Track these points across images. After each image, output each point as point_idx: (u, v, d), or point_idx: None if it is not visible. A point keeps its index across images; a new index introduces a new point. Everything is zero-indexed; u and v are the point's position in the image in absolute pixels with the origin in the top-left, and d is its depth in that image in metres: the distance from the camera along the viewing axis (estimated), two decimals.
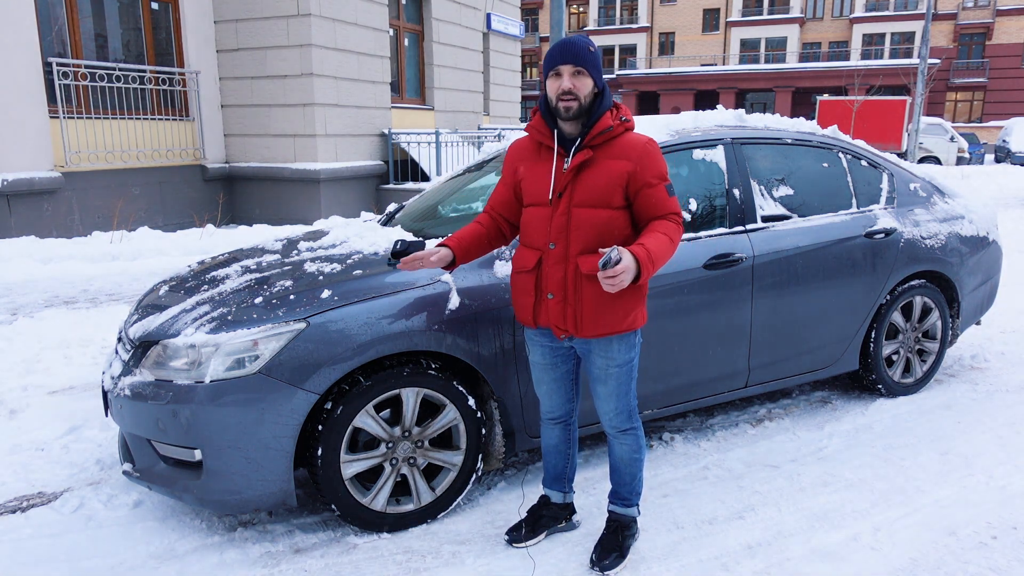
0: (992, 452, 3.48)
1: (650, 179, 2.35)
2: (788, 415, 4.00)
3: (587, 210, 2.35)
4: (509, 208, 2.60)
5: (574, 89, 2.30)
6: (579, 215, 2.36)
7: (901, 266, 3.99)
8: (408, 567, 2.61)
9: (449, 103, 14.02)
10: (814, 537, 2.78)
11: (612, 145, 2.36)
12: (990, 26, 38.14)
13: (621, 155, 2.35)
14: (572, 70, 2.30)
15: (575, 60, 2.29)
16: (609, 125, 2.34)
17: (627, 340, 2.46)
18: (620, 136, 2.38)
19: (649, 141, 2.39)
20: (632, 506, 2.67)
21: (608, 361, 2.46)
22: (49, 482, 3.21)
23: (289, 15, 10.32)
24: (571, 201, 2.36)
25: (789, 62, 41.01)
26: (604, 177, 2.34)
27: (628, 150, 2.35)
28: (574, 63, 2.29)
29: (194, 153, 10.70)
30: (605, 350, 2.45)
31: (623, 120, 2.39)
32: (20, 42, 8.40)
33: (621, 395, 2.51)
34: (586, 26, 46.55)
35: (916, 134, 20.06)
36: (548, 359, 2.59)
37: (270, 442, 2.57)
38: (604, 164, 2.35)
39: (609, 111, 2.38)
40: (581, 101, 2.31)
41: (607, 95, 2.37)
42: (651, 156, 2.36)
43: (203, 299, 2.89)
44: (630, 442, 2.59)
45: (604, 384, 2.50)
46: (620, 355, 2.46)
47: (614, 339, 2.43)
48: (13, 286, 6.88)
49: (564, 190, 2.38)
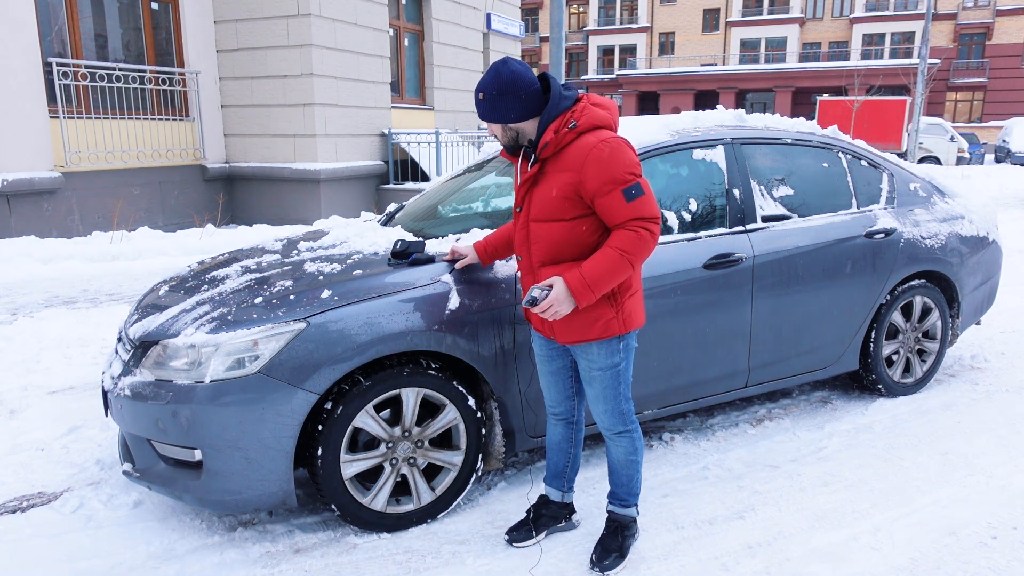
0: (992, 452, 3.48)
1: (599, 187, 2.22)
2: (788, 415, 4.00)
3: (542, 224, 2.37)
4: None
5: (497, 136, 2.41)
6: (536, 229, 2.39)
7: (901, 266, 3.99)
8: (408, 567, 2.61)
9: (449, 103, 14.02)
10: (814, 537, 2.78)
11: (560, 156, 2.31)
12: (990, 26, 38.15)
13: (566, 166, 2.28)
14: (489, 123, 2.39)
15: (486, 118, 2.37)
16: (547, 141, 2.28)
17: (608, 345, 2.43)
18: (570, 144, 2.29)
19: (596, 145, 2.23)
20: (630, 506, 2.67)
21: (589, 364, 2.48)
22: (49, 482, 3.21)
23: (289, 15, 10.32)
24: (528, 215, 2.42)
25: (789, 62, 41.01)
26: (551, 190, 2.32)
27: (572, 160, 2.27)
28: (482, 118, 2.38)
29: (194, 153, 10.70)
30: (585, 353, 2.47)
31: (570, 127, 2.27)
32: (20, 42, 8.41)
33: (608, 398, 2.50)
34: (586, 26, 46.58)
35: (916, 134, 20.07)
36: (545, 351, 2.63)
37: (270, 442, 2.57)
38: (551, 177, 2.33)
39: (557, 119, 2.28)
40: (503, 141, 2.42)
41: (550, 106, 2.28)
42: (595, 161, 2.22)
43: (203, 299, 2.89)
44: (625, 444, 2.59)
45: (590, 386, 2.52)
46: (601, 359, 2.45)
47: (593, 344, 2.43)
48: (13, 286, 6.88)
49: (523, 204, 2.44)
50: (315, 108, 10.52)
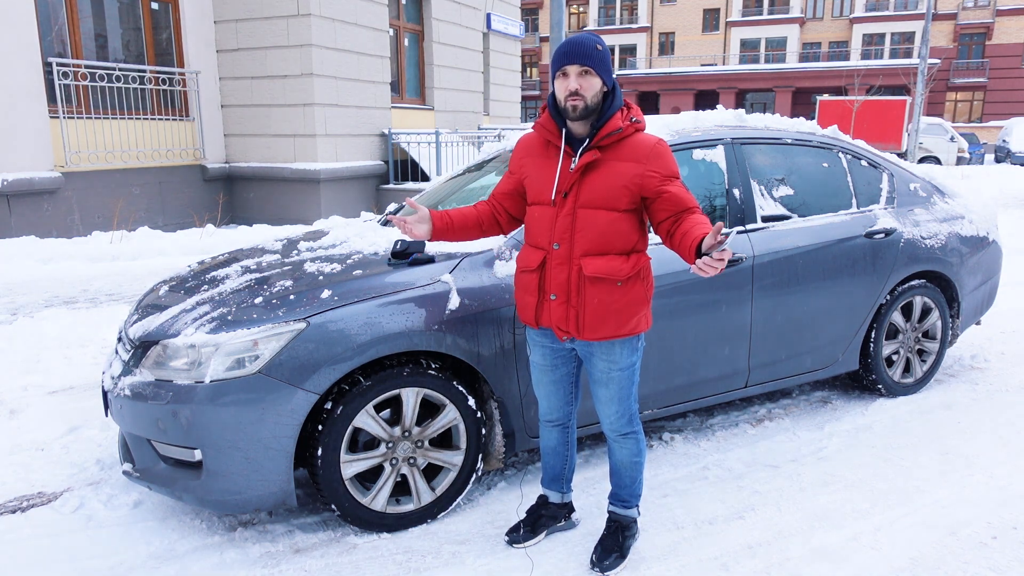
0: (992, 452, 3.48)
1: (666, 178, 2.32)
2: (788, 415, 4.00)
3: (592, 211, 2.33)
4: (510, 200, 2.59)
5: (580, 89, 2.27)
6: (584, 216, 2.34)
7: (901, 266, 3.99)
8: (408, 567, 2.61)
9: (449, 103, 14.01)
10: (814, 537, 2.77)
11: (620, 146, 2.34)
12: (990, 26, 38.14)
13: (629, 157, 2.32)
14: (579, 70, 2.27)
15: (582, 60, 2.26)
16: (619, 126, 2.32)
17: (630, 344, 2.44)
18: (629, 137, 2.35)
19: (659, 142, 2.36)
20: (632, 507, 2.67)
21: (611, 364, 2.45)
22: (49, 482, 3.21)
23: (289, 15, 10.32)
24: (577, 202, 2.35)
25: (789, 62, 41.00)
26: (611, 179, 2.32)
27: (636, 152, 2.33)
28: (580, 63, 2.26)
29: (194, 153, 10.70)
30: (608, 353, 2.44)
31: (633, 121, 2.36)
32: (20, 42, 8.41)
33: (623, 399, 2.50)
34: (586, 26, 46.55)
35: (916, 134, 20.07)
36: (548, 360, 2.58)
37: (270, 442, 2.57)
38: (611, 166, 2.33)
39: (620, 111, 2.35)
40: (587, 101, 2.28)
41: (618, 95, 2.35)
42: (661, 157, 2.33)
43: (203, 299, 2.89)
44: (631, 446, 2.58)
45: (606, 387, 2.49)
46: (623, 359, 2.44)
47: (616, 342, 2.42)
48: (13, 286, 6.88)
49: (570, 190, 2.36)
50: (315, 108, 10.52)
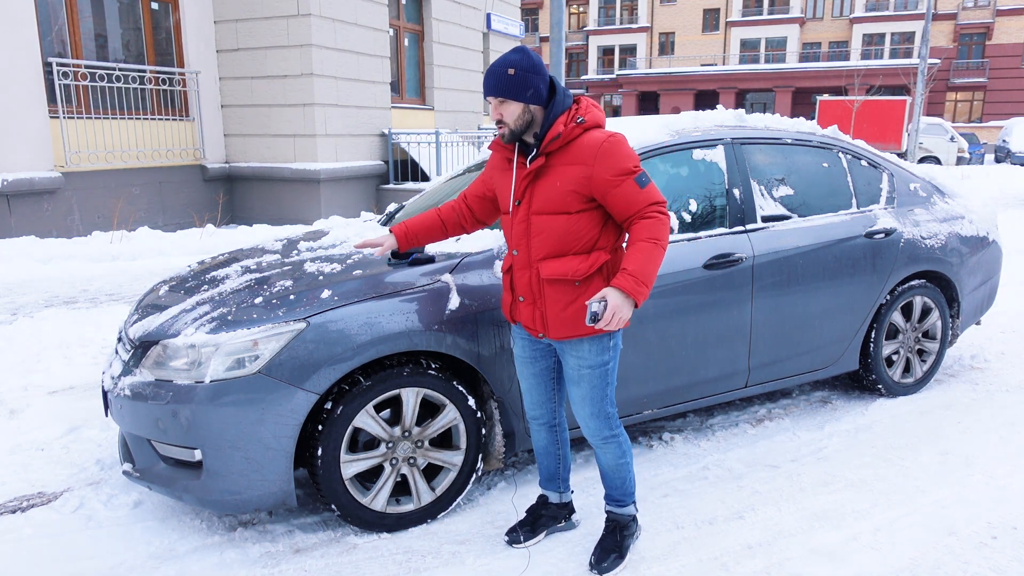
0: (992, 452, 3.48)
1: (612, 179, 2.29)
2: (788, 415, 4.00)
3: (545, 217, 2.37)
4: (479, 203, 2.72)
5: (502, 117, 2.35)
6: (538, 222, 2.39)
7: (901, 266, 3.99)
8: (408, 567, 2.61)
9: (449, 103, 14.01)
10: (814, 537, 2.78)
11: (567, 150, 2.35)
12: (990, 26, 38.14)
13: (576, 159, 2.33)
14: (496, 101, 2.35)
15: (493, 92, 2.33)
16: (558, 132, 2.32)
17: (600, 342, 2.44)
18: (576, 139, 2.35)
19: (607, 139, 2.32)
20: (627, 504, 2.68)
21: (580, 361, 2.46)
22: (49, 482, 3.21)
23: (289, 15, 10.32)
24: (530, 209, 2.40)
25: (789, 62, 41.01)
26: (558, 183, 2.34)
27: (582, 153, 2.32)
28: (493, 94, 2.34)
29: (194, 153, 10.70)
30: (576, 350, 2.46)
31: (579, 122, 2.34)
32: (20, 42, 8.40)
33: (595, 399, 2.50)
34: (586, 26, 46.57)
35: (916, 134, 20.06)
36: (528, 352, 2.62)
37: (270, 442, 2.57)
38: (558, 170, 2.35)
39: (563, 115, 2.34)
40: (511, 126, 2.36)
41: (557, 101, 2.34)
42: (607, 154, 2.30)
43: (203, 299, 2.89)
44: (613, 450, 2.58)
45: (577, 386, 2.50)
46: (592, 356, 2.45)
47: (584, 340, 2.44)
48: (13, 286, 6.88)
49: (522, 198, 2.42)
50: (315, 108, 10.52)
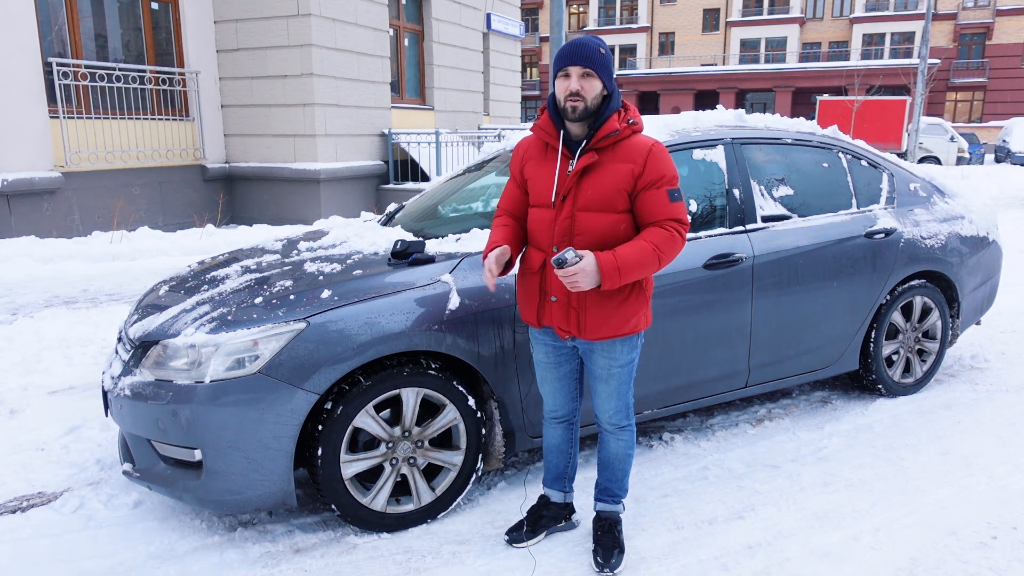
0: (992, 452, 3.48)
1: (653, 180, 2.32)
2: (788, 415, 4.00)
3: (591, 214, 2.34)
4: (523, 207, 2.55)
5: (581, 91, 2.29)
6: (583, 219, 2.35)
7: (901, 266, 3.99)
8: (408, 567, 2.61)
9: (449, 103, 14.01)
10: (814, 537, 2.78)
11: (617, 148, 2.35)
12: (990, 26, 38.13)
13: (626, 158, 2.33)
14: (581, 71, 2.29)
15: (584, 61, 2.28)
16: (615, 128, 2.33)
17: (630, 342, 2.48)
18: (626, 139, 2.36)
19: (655, 143, 2.37)
20: (619, 502, 2.71)
21: (611, 362, 2.48)
22: (49, 482, 3.20)
23: (289, 15, 10.31)
24: (575, 205, 2.36)
25: (789, 62, 40.99)
26: (608, 181, 2.33)
27: (633, 153, 2.34)
28: (583, 64, 2.28)
29: (194, 153, 10.70)
30: (608, 351, 2.47)
31: (630, 123, 2.36)
32: (20, 42, 8.40)
33: (622, 394, 2.55)
34: (586, 26, 46.55)
35: (916, 134, 20.07)
36: (552, 358, 2.60)
37: (270, 442, 2.57)
38: (609, 167, 2.34)
39: (616, 113, 2.36)
40: (587, 103, 2.30)
41: (615, 97, 2.36)
42: (656, 158, 2.33)
43: (203, 299, 2.89)
44: (627, 438, 2.62)
45: (606, 383, 2.52)
46: (623, 356, 2.48)
47: (617, 341, 2.45)
48: (13, 286, 6.87)
49: (568, 193, 2.36)
50: (315, 108, 10.52)
